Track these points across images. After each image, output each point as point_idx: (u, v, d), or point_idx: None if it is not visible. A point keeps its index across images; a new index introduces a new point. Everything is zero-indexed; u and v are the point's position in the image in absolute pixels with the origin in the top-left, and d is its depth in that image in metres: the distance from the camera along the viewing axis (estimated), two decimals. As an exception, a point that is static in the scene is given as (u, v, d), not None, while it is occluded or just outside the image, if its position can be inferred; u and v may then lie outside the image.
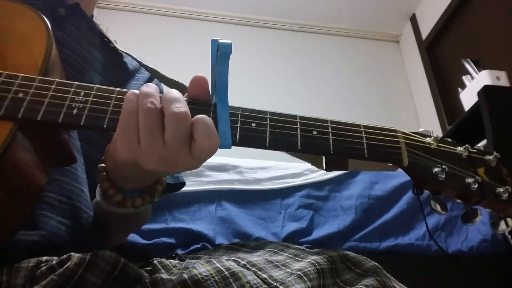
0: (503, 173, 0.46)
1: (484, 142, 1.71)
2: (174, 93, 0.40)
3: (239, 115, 0.42)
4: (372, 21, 3.17)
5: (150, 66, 0.74)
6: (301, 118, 0.44)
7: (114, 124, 0.40)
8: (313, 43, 3.13)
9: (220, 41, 0.40)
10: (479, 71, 2.07)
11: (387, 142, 0.45)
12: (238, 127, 0.42)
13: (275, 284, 0.40)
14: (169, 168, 0.39)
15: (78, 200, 0.50)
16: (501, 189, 0.44)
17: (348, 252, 0.47)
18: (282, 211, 1.31)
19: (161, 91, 0.77)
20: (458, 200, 0.46)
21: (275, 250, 0.49)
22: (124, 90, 0.43)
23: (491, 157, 0.46)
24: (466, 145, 0.47)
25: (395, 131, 0.46)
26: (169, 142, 0.38)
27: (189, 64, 2.81)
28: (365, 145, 0.44)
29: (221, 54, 0.41)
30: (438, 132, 2.64)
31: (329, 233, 1.25)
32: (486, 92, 1.74)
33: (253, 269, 0.42)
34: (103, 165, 0.49)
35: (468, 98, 2.01)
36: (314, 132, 0.43)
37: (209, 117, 0.40)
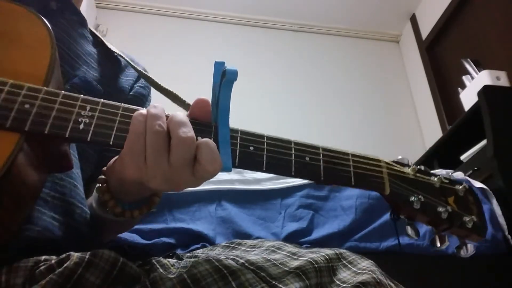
0: (469, 202, 0.51)
1: (484, 142, 1.71)
2: (181, 116, 0.41)
3: (238, 138, 0.44)
4: (372, 21, 3.17)
5: (137, 67, 0.74)
6: (296, 144, 0.46)
7: (120, 142, 0.41)
8: (313, 43, 3.13)
9: (227, 67, 0.41)
10: (479, 71, 2.07)
11: (372, 172, 0.48)
12: (238, 150, 0.43)
13: (273, 282, 0.40)
14: (172, 187, 0.41)
15: (71, 196, 0.51)
16: (467, 218, 0.49)
17: (344, 251, 0.48)
18: (282, 211, 1.31)
19: (148, 95, 0.77)
20: (429, 226, 0.51)
21: (273, 248, 0.50)
22: (129, 106, 0.43)
23: (460, 187, 0.51)
24: (439, 175, 0.52)
25: (379, 160, 0.50)
26: (175, 164, 0.39)
27: (189, 64, 2.82)
28: (352, 174, 0.47)
29: (226, 81, 0.41)
30: (438, 133, 2.64)
31: (329, 233, 1.25)
32: (486, 92, 1.74)
33: (252, 267, 0.42)
34: (104, 177, 0.50)
35: (468, 98, 2.01)
36: (307, 158, 0.46)
37: (210, 137, 0.42)
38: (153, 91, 0.76)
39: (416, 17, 3.12)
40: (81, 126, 0.41)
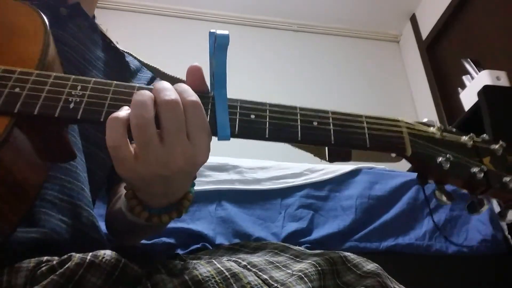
0: (509, 162, 0.45)
1: (484, 142, 1.71)
2: (163, 83, 0.40)
3: (238, 107, 0.42)
4: (372, 21, 3.17)
5: (152, 65, 0.74)
6: (301, 109, 0.44)
7: None
8: (313, 43, 3.13)
9: (217, 32, 0.40)
10: (479, 71, 2.07)
11: (390, 132, 0.44)
12: (237, 119, 0.41)
13: (275, 285, 0.40)
14: (174, 164, 0.38)
15: (79, 199, 0.51)
16: (508, 178, 0.43)
17: (348, 254, 0.47)
18: (282, 211, 1.31)
19: None
20: (464, 190, 0.45)
21: (276, 251, 0.49)
22: (121, 83, 0.43)
23: (497, 146, 0.45)
24: (471, 134, 0.46)
25: (397, 120, 0.46)
26: (167, 134, 0.38)
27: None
28: (367, 135, 0.43)
29: (218, 45, 0.41)
30: (438, 132, 2.63)
31: (329, 233, 1.25)
32: (486, 92, 1.74)
33: (254, 269, 0.42)
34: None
35: (468, 98, 2.01)
36: (315, 123, 0.43)
37: (208, 108, 0.40)
38: None
39: (416, 17, 3.12)
40: (71, 105, 0.40)
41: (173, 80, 0.71)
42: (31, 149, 0.42)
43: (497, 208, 1.33)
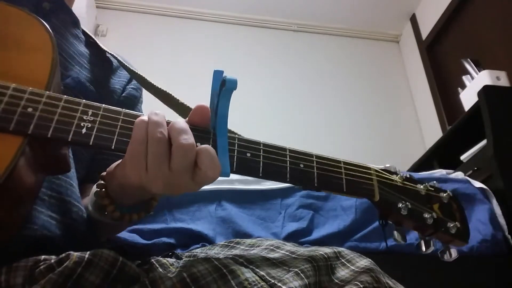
0: (453, 209, 0.54)
1: (484, 142, 1.71)
2: (182, 124, 0.42)
3: (236, 144, 0.46)
4: (372, 21, 3.17)
5: (130, 67, 0.73)
6: (290, 151, 0.48)
7: (121, 146, 0.42)
8: (313, 43, 3.13)
9: (227, 77, 0.42)
10: (479, 71, 2.07)
11: (363, 179, 0.50)
12: (235, 156, 0.45)
13: (272, 281, 0.40)
14: (172, 191, 0.42)
15: (68, 194, 0.51)
16: (451, 224, 0.51)
17: (342, 249, 0.48)
18: (282, 211, 1.31)
19: (140, 96, 0.77)
20: (415, 231, 0.53)
21: (272, 247, 0.50)
22: (130, 112, 0.44)
23: (444, 195, 0.54)
24: (425, 183, 0.54)
25: (369, 168, 0.52)
26: (175, 169, 0.40)
27: (188, 64, 2.82)
28: (344, 181, 0.49)
29: (226, 89, 0.42)
30: (438, 133, 2.64)
31: (329, 233, 1.25)
32: (486, 92, 1.74)
33: (251, 266, 0.43)
34: (102, 182, 0.50)
35: (468, 98, 2.01)
36: (301, 166, 0.47)
37: (210, 145, 0.43)
38: (145, 93, 0.76)
39: (416, 17, 3.12)
40: (83, 131, 0.41)
41: (151, 86, 0.71)
42: (36, 165, 0.43)
43: (498, 211, 1.34)
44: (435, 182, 0.57)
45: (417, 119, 2.98)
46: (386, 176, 0.52)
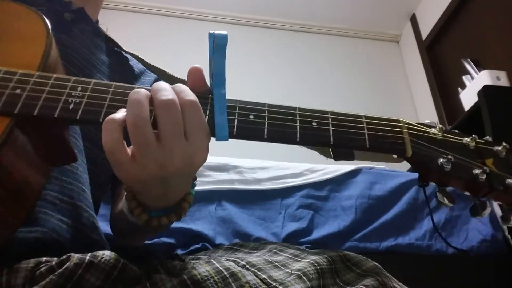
0: None
1: (484, 142, 1.71)
2: (162, 84, 0.40)
3: (237, 107, 0.42)
4: (372, 21, 3.17)
5: (157, 66, 0.74)
6: (300, 109, 0.44)
7: None
8: (313, 43, 3.13)
9: (216, 32, 0.40)
10: (479, 71, 2.07)
11: (390, 133, 0.44)
12: (236, 119, 0.41)
13: (274, 284, 0.40)
14: (172, 164, 0.38)
15: (79, 199, 0.50)
16: (511, 180, 0.42)
17: (348, 252, 0.47)
18: (282, 211, 1.31)
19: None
20: (466, 192, 0.44)
21: (275, 250, 0.49)
22: (121, 84, 0.43)
23: (500, 148, 0.44)
24: (474, 135, 0.45)
25: (398, 121, 0.45)
26: (164, 134, 0.37)
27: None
28: (366, 136, 0.43)
29: (216, 46, 0.41)
30: (438, 132, 2.63)
31: (329, 233, 1.25)
32: (486, 92, 1.74)
33: (253, 269, 0.42)
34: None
35: (468, 98, 2.01)
36: (314, 124, 0.42)
37: (206, 109, 0.40)
38: None
39: (416, 17, 3.11)
40: (71, 106, 0.40)
41: (178, 82, 0.71)
42: (32, 151, 0.42)
43: (498, 211, 1.33)
44: (488, 136, 0.47)
45: (417, 119, 2.97)
46: (420, 128, 0.45)
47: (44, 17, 0.48)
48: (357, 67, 3.08)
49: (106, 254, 0.38)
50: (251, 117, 0.42)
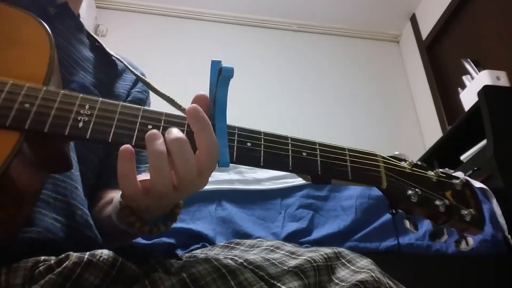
0: (467, 195, 0.51)
1: (484, 142, 1.71)
2: (174, 130, 0.43)
3: (236, 134, 0.45)
4: (372, 21, 3.17)
5: (136, 71, 0.73)
6: (292, 139, 0.47)
7: (118, 139, 0.42)
8: (313, 43, 3.13)
9: (223, 65, 0.42)
10: (479, 71, 2.07)
11: (369, 166, 0.49)
12: (235, 146, 0.44)
13: (272, 281, 0.40)
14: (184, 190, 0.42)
15: (72, 197, 0.51)
16: (465, 211, 0.49)
17: (342, 249, 0.48)
18: (282, 211, 1.31)
19: (146, 99, 0.77)
20: (427, 220, 0.51)
21: (272, 248, 0.50)
22: (127, 105, 0.44)
23: (457, 181, 0.51)
24: (436, 170, 0.52)
25: (375, 155, 0.50)
26: (180, 168, 0.41)
27: (188, 64, 2.81)
28: (349, 168, 0.47)
29: (223, 78, 0.42)
30: (438, 133, 2.64)
31: (329, 233, 1.25)
32: (486, 92, 1.74)
33: (250, 266, 0.43)
34: (122, 199, 0.49)
35: (468, 98, 2.01)
36: (304, 154, 0.46)
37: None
38: (152, 95, 0.76)
39: (416, 17, 3.12)
40: (80, 124, 0.41)
41: (156, 91, 0.71)
42: (35, 162, 0.42)
43: (498, 211, 1.33)
44: (446, 168, 0.54)
45: (417, 119, 2.98)
46: (393, 162, 0.50)
47: (44, 23, 0.48)
48: (357, 67, 3.08)
49: (105, 253, 0.39)
50: (249, 144, 0.45)
